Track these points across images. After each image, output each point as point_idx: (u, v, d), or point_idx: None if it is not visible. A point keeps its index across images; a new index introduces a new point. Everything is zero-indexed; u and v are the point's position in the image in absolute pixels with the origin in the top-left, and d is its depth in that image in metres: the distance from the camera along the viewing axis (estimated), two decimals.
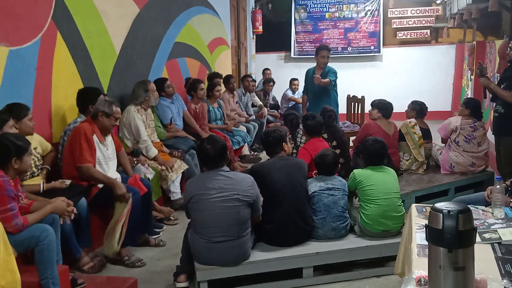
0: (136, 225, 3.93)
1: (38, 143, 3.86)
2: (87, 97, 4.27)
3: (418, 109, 5.61)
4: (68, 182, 3.74)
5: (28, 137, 3.43)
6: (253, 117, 8.06)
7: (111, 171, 4.05)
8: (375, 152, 3.84)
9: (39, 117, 4.04)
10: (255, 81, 9.09)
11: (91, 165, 3.81)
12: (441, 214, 1.81)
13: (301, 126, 4.99)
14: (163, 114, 5.66)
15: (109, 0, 5.09)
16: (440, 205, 1.87)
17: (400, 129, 5.37)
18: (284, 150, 3.86)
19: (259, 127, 7.82)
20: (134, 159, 4.54)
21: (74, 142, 3.81)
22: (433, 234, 1.84)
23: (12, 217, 2.82)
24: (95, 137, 3.88)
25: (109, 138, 4.10)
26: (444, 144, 5.48)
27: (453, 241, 1.78)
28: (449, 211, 1.80)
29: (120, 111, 4.09)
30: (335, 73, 6.24)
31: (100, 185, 3.92)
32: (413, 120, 5.42)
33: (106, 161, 3.98)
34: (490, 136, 6.75)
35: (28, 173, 3.67)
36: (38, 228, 2.91)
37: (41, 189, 3.57)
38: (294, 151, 4.91)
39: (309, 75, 6.43)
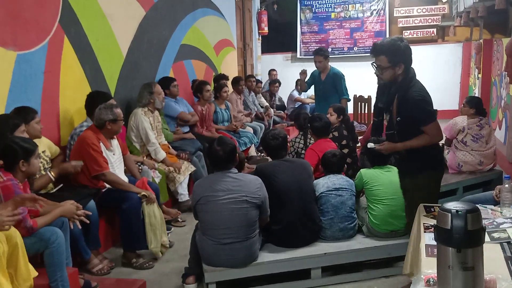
0: (142, 229, 3.93)
1: (46, 146, 3.89)
2: (95, 101, 4.29)
3: None
4: (80, 163, 3.79)
5: (36, 141, 3.45)
6: (253, 113, 8.06)
7: (119, 175, 4.08)
8: (377, 151, 3.82)
9: (47, 121, 4.07)
10: (260, 82, 9.10)
11: (108, 170, 3.90)
12: (450, 214, 1.81)
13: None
14: (171, 108, 5.68)
15: (115, 3, 5.12)
16: (448, 205, 1.86)
17: None
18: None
19: (266, 128, 7.83)
20: (137, 163, 4.57)
21: (82, 153, 3.84)
22: (441, 234, 1.83)
23: (22, 220, 2.83)
24: (101, 145, 3.92)
25: (115, 142, 4.13)
26: (449, 146, 5.42)
27: (462, 241, 1.77)
28: (457, 211, 1.80)
29: (122, 112, 4.09)
30: (342, 77, 6.22)
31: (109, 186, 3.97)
32: None
33: (112, 166, 4.01)
34: (497, 133, 6.74)
35: (37, 176, 3.69)
36: (48, 231, 2.92)
37: (52, 177, 3.62)
38: (303, 151, 4.90)
39: (315, 76, 6.45)
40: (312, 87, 6.69)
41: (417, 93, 3.06)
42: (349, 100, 6.28)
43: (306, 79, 6.66)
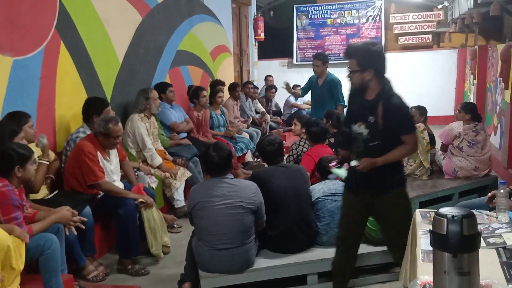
0: (138, 235, 3.93)
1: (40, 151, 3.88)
2: (91, 107, 4.31)
3: (426, 114, 5.59)
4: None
5: (32, 145, 3.45)
6: (250, 119, 8.07)
7: (115, 184, 4.09)
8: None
9: (43, 126, 4.07)
10: (257, 88, 9.12)
11: (104, 180, 3.88)
12: (445, 219, 1.80)
13: None
14: (165, 116, 5.68)
15: (112, 9, 5.13)
16: (444, 210, 1.86)
17: None
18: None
19: (262, 134, 7.84)
20: (133, 168, 4.56)
21: (79, 161, 3.84)
22: (437, 239, 1.83)
23: (17, 226, 2.83)
24: (98, 154, 3.92)
25: (113, 152, 4.12)
26: (444, 151, 5.43)
27: (457, 246, 1.77)
28: (453, 216, 1.79)
29: (122, 128, 4.06)
30: (338, 83, 6.22)
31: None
32: (422, 125, 5.36)
33: (109, 175, 4.01)
34: (492, 139, 6.76)
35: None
36: (43, 238, 2.92)
37: (46, 162, 3.63)
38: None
39: (313, 81, 6.47)
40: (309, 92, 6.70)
41: (401, 100, 2.94)
42: (345, 106, 6.29)
43: (301, 87, 6.70)
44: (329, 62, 6.49)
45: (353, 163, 3.02)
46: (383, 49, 2.99)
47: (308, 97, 7.12)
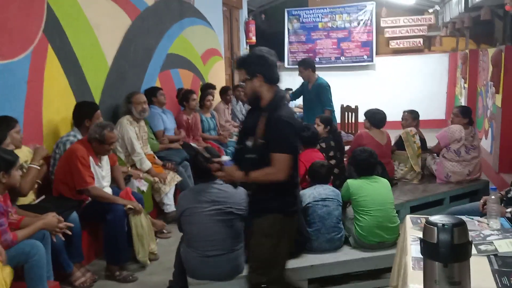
0: (126, 242, 3.88)
1: (29, 156, 3.82)
2: (82, 111, 4.27)
3: (418, 118, 5.57)
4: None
5: (18, 150, 3.40)
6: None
7: (105, 189, 4.05)
8: (363, 161, 3.82)
9: (30, 131, 4.01)
10: None
11: (93, 185, 3.84)
12: (436, 228, 1.78)
13: None
14: (154, 121, 5.62)
15: (101, 12, 5.07)
16: (434, 218, 1.84)
17: (400, 136, 5.31)
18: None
19: None
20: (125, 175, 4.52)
21: (70, 164, 3.80)
22: (427, 248, 1.81)
23: (1, 233, 2.79)
24: (90, 159, 3.88)
25: (105, 158, 4.09)
26: (435, 152, 5.42)
27: (448, 255, 1.75)
28: (443, 225, 1.77)
29: (116, 135, 4.04)
30: (326, 88, 6.19)
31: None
32: (413, 129, 5.35)
33: (99, 181, 3.97)
34: (483, 143, 6.78)
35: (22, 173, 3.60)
36: (28, 244, 2.87)
37: (37, 167, 3.55)
38: None
39: (305, 85, 6.45)
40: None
41: (285, 114, 2.69)
42: (333, 111, 6.25)
43: (292, 91, 6.70)
44: (320, 66, 6.47)
45: (224, 157, 2.90)
46: (272, 54, 2.84)
47: (300, 100, 7.10)
